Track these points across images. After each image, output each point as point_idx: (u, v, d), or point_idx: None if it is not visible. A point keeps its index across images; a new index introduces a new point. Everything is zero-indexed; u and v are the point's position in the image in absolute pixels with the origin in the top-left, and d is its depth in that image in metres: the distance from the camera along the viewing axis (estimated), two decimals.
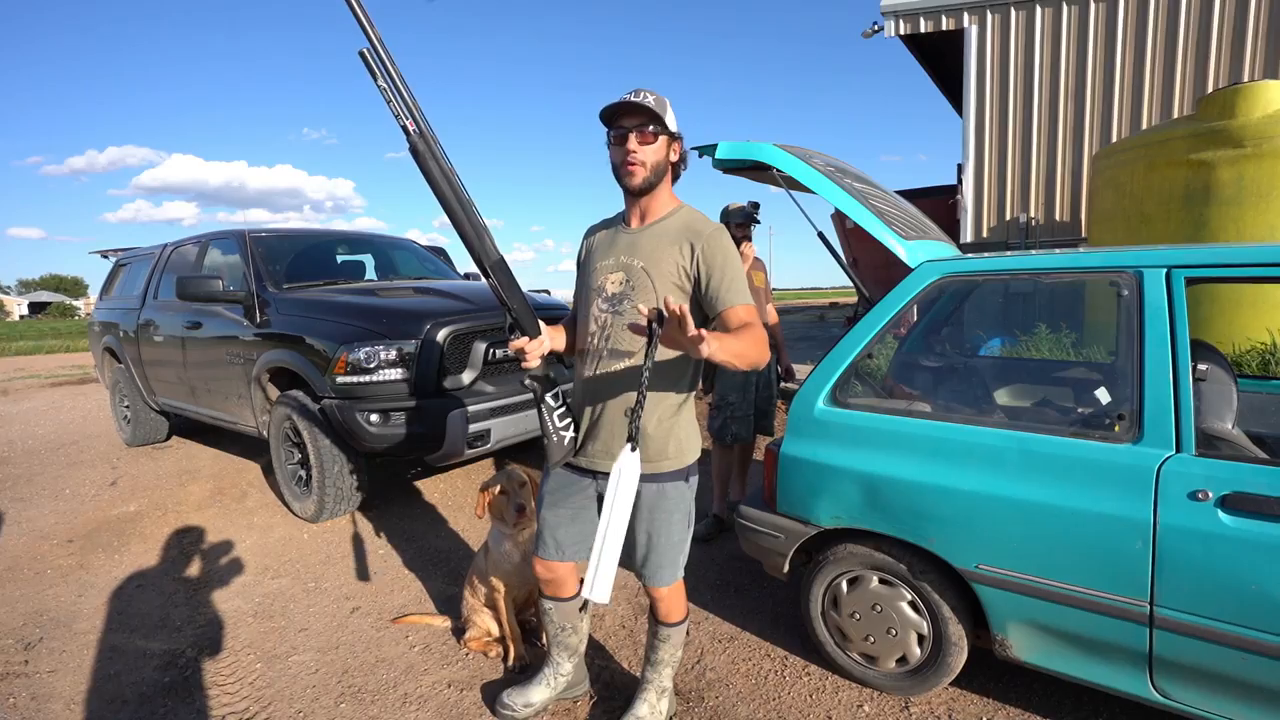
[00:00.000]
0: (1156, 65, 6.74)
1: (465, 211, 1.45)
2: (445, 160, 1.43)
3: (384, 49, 1.32)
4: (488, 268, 1.50)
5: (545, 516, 1.74)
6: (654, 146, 1.54)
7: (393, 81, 1.34)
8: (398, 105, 1.36)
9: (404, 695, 2.05)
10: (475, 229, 1.47)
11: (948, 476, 1.73)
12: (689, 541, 1.71)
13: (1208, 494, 1.41)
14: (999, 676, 2.00)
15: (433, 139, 1.41)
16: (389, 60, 1.32)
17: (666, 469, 1.61)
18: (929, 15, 7.43)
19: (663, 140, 1.55)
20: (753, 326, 1.46)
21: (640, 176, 1.54)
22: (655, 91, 1.55)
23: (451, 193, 1.43)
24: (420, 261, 5.00)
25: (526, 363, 1.57)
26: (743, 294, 1.53)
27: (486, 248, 1.49)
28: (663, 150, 1.56)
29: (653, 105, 1.51)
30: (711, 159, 2.33)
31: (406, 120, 1.37)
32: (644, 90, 1.53)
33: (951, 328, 3.12)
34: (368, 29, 1.29)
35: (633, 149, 1.51)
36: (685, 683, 2.07)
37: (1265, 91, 4.49)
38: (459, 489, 4.02)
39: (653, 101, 1.51)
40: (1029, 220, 7.36)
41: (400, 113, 1.36)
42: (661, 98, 1.54)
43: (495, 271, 1.50)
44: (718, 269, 1.52)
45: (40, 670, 2.27)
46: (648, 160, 1.53)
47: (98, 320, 5.66)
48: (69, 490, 4.35)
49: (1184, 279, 1.57)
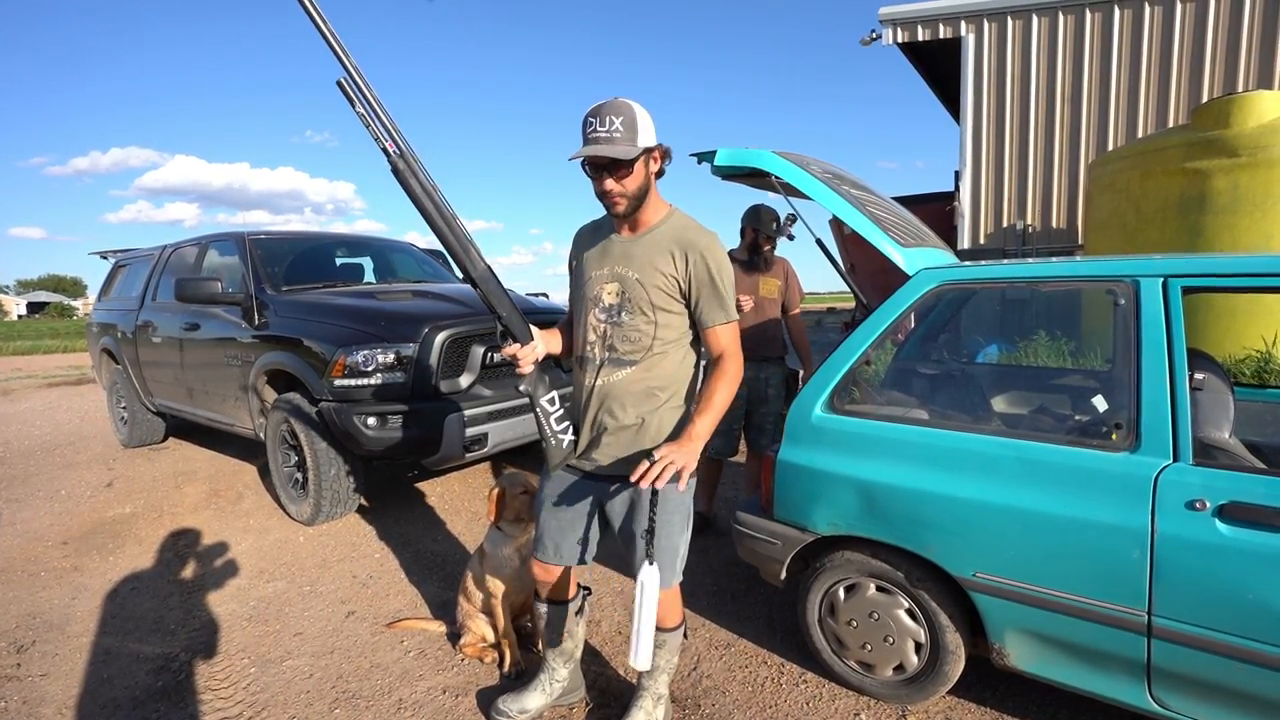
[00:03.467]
0: (1152, 75, 6.79)
1: (449, 226, 1.49)
2: (427, 177, 1.46)
3: (360, 76, 1.36)
4: (474, 279, 1.53)
5: (545, 520, 1.74)
6: (632, 176, 1.47)
7: (370, 106, 1.38)
8: (377, 129, 1.40)
9: (399, 701, 2.04)
10: (460, 242, 1.50)
11: (945, 484, 1.73)
12: (687, 544, 1.71)
13: (1205, 503, 1.42)
14: (996, 685, 1.99)
15: (413, 158, 1.44)
16: (365, 87, 1.36)
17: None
18: (927, 24, 7.49)
19: (640, 165, 1.47)
20: (721, 367, 1.55)
21: (624, 206, 1.51)
22: (624, 107, 1.43)
23: (435, 208, 1.47)
24: (419, 264, 5.00)
25: (520, 369, 1.59)
26: (726, 312, 1.55)
27: (472, 259, 1.52)
28: (642, 174, 1.49)
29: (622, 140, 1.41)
30: (710, 165, 2.34)
31: (386, 143, 1.41)
32: (609, 113, 1.41)
33: (949, 335, 3.12)
34: (343, 59, 1.34)
35: (609, 188, 1.48)
36: (681, 689, 2.06)
37: (1259, 102, 4.52)
38: (456, 493, 4.01)
39: (621, 132, 1.41)
40: (1026, 227, 7.39)
41: (380, 135, 1.40)
42: (632, 115, 1.43)
43: (482, 283, 1.53)
44: (706, 285, 1.54)
45: (32, 674, 2.26)
46: (628, 191, 1.49)
47: (96, 321, 5.65)
48: (64, 491, 4.33)
49: (1180, 288, 1.58)
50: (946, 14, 7.37)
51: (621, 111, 1.43)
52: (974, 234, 7.65)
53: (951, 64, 7.87)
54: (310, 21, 1.33)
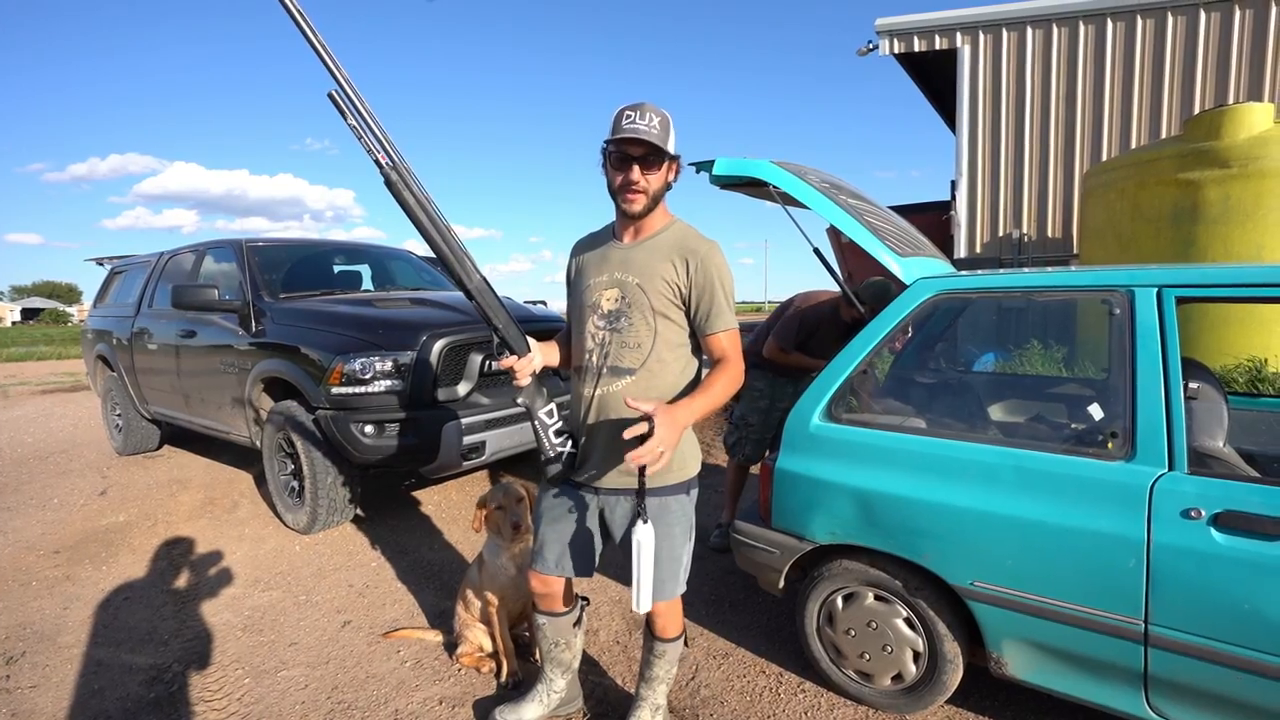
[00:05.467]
0: (1145, 86, 6.87)
1: (443, 237, 1.48)
2: (421, 189, 1.46)
3: (352, 88, 1.36)
4: (470, 291, 1.53)
5: (544, 531, 1.73)
6: (657, 174, 1.51)
7: (362, 118, 1.38)
8: (369, 141, 1.40)
9: (395, 711, 2.02)
10: (455, 254, 1.50)
11: (942, 492, 1.73)
12: (689, 555, 1.70)
13: (1200, 512, 1.42)
14: (994, 694, 1.99)
15: (406, 170, 1.44)
16: (358, 99, 1.37)
17: (667, 482, 1.61)
18: (923, 35, 7.56)
19: (665, 166, 1.52)
20: (724, 364, 1.54)
21: (641, 204, 1.53)
22: (660, 110, 1.47)
23: (429, 220, 1.47)
24: (417, 272, 5.00)
25: (517, 381, 1.59)
26: (726, 319, 1.55)
27: (467, 271, 1.51)
28: (664, 177, 1.53)
29: (658, 136, 1.45)
30: (709, 175, 2.35)
31: (379, 155, 1.41)
32: (649, 110, 1.46)
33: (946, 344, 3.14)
34: (334, 71, 1.34)
35: (635, 179, 1.49)
36: (679, 700, 2.05)
37: (1250, 113, 4.58)
38: (453, 501, 3.99)
39: (658, 129, 1.45)
40: (1021, 236, 7.44)
41: (372, 148, 1.41)
42: (666, 118, 1.48)
43: (478, 295, 1.53)
44: (707, 292, 1.54)
45: (22, 685, 2.23)
46: (650, 189, 1.51)
47: (91, 328, 5.63)
48: (57, 499, 4.29)
49: (1175, 298, 1.59)
50: (942, 25, 7.45)
51: (660, 113, 1.48)
52: (970, 243, 7.70)
53: (948, 75, 7.95)
54: (300, 33, 1.33)
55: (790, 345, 2.95)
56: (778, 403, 3.03)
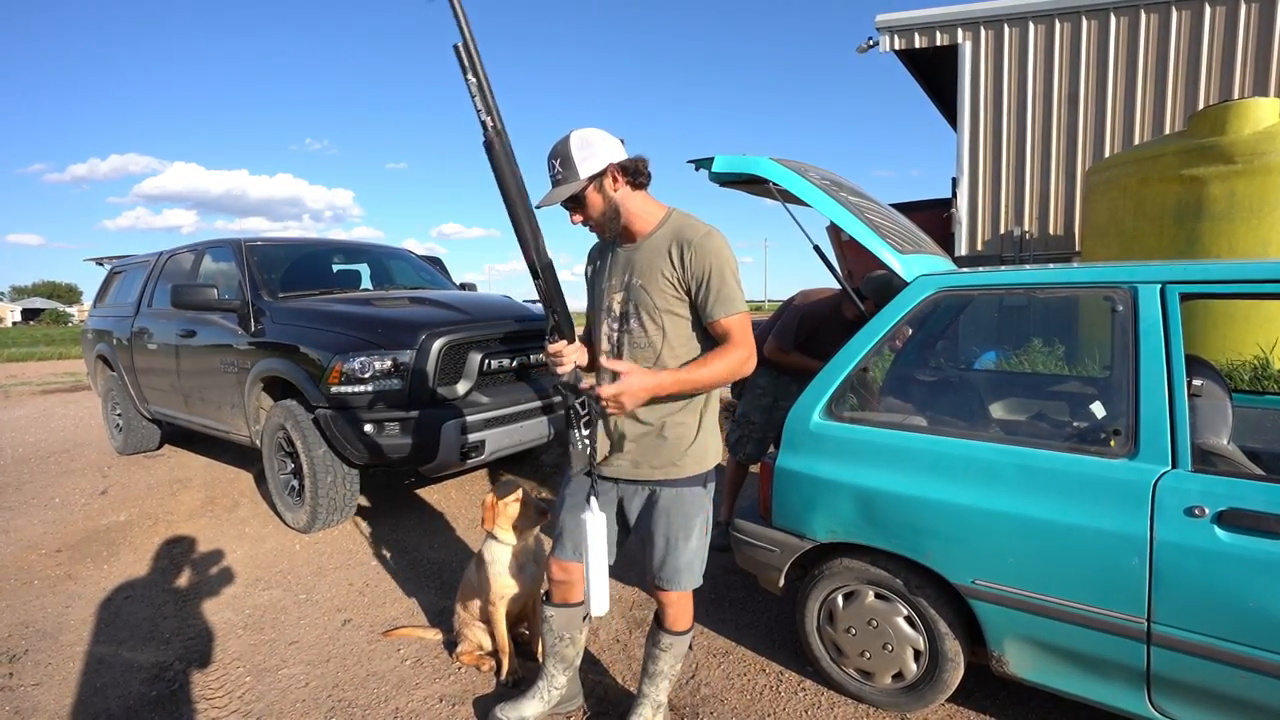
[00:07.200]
0: (1148, 82, 6.83)
1: (527, 213, 1.48)
2: (514, 161, 1.45)
3: (475, 48, 1.36)
4: (539, 268, 1.52)
5: (565, 519, 1.75)
6: (589, 205, 1.55)
7: (479, 78, 1.37)
8: (481, 100, 1.39)
9: (395, 710, 2.02)
10: (534, 231, 1.49)
11: (943, 491, 1.72)
12: (707, 547, 1.71)
13: (1204, 510, 1.41)
14: (996, 693, 1.98)
15: (507, 138, 1.44)
16: (478, 58, 1.36)
17: (684, 474, 1.61)
18: (923, 31, 7.53)
19: (593, 192, 1.53)
20: (730, 346, 1.53)
21: (603, 230, 1.60)
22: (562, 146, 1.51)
23: (517, 191, 1.46)
24: (416, 271, 4.99)
25: (561, 367, 1.58)
26: (729, 304, 1.53)
27: (540, 248, 1.51)
28: (599, 199, 1.54)
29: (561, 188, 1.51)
30: (708, 172, 2.34)
31: (486, 116, 1.40)
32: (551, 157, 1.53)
33: (947, 341, 3.12)
34: (463, 27, 1.34)
35: (576, 223, 1.58)
36: (680, 698, 2.05)
37: (1255, 109, 4.55)
38: (453, 500, 3.99)
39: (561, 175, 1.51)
40: (1023, 234, 7.41)
41: (482, 109, 1.40)
42: (567, 150, 1.50)
43: (545, 273, 1.52)
44: (705, 279, 1.53)
45: (24, 683, 2.23)
46: (594, 219, 1.58)
47: (91, 328, 5.63)
48: (58, 499, 4.30)
49: (1178, 295, 1.58)
50: (943, 21, 7.41)
51: (558, 151, 1.52)
52: (971, 241, 7.67)
53: (949, 71, 7.91)
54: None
55: (790, 345, 2.94)
56: (781, 401, 3.01)
